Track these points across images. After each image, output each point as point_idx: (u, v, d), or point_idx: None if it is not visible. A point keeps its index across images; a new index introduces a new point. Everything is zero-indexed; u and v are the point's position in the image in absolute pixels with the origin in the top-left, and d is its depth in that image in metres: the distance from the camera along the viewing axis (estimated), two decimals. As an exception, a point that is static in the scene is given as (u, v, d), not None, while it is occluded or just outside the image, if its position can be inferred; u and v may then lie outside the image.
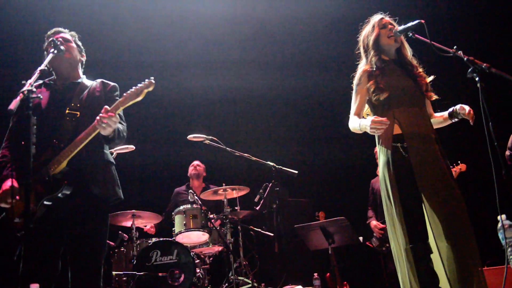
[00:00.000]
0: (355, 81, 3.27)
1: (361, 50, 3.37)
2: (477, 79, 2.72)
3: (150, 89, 2.79)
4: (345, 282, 5.52)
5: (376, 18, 3.34)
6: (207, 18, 6.88)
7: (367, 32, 3.33)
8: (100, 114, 2.72)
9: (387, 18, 3.33)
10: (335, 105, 6.93)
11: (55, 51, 2.92)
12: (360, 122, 3.10)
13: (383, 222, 5.62)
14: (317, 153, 7.35)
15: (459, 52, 2.83)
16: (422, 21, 3.00)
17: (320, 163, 7.26)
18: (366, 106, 3.29)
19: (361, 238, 5.74)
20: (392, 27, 3.24)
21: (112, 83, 3.21)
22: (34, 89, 2.41)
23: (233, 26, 6.98)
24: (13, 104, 2.36)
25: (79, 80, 3.16)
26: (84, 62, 3.26)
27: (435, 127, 3.24)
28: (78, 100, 3.03)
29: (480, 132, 2.71)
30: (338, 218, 5.22)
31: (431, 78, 3.28)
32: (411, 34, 3.10)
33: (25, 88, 2.37)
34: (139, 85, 2.80)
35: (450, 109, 3.25)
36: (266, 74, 7.33)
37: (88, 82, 3.18)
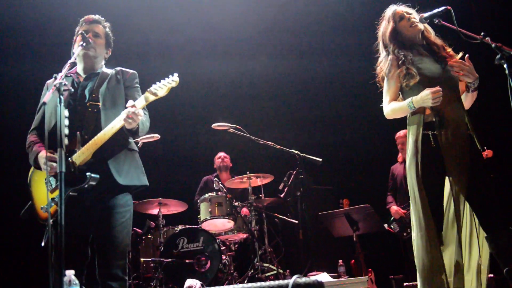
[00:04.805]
0: (385, 70, 3.21)
1: (380, 47, 3.31)
2: (505, 65, 2.70)
3: (174, 85, 2.78)
4: (370, 269, 5.53)
5: (389, 12, 3.27)
6: (230, 6, 6.89)
7: (384, 29, 3.28)
8: (127, 110, 2.75)
9: (401, 8, 3.25)
10: (357, 93, 6.88)
11: (84, 44, 2.97)
12: (408, 100, 3.04)
13: (404, 208, 5.61)
14: (341, 140, 7.32)
15: (487, 38, 2.80)
16: (449, 7, 2.96)
17: (344, 151, 7.23)
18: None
19: (386, 225, 5.74)
20: (409, 16, 3.18)
21: (131, 71, 3.22)
22: (66, 82, 2.46)
23: (256, 14, 6.96)
24: (47, 97, 2.43)
25: (99, 70, 3.17)
26: (108, 57, 3.26)
27: (466, 105, 3.16)
28: (99, 90, 3.05)
29: (509, 119, 2.69)
30: (363, 206, 5.23)
31: (460, 55, 3.16)
32: (437, 21, 3.06)
33: (57, 82, 2.42)
34: (163, 81, 2.79)
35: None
36: (290, 61, 7.30)
37: (108, 71, 3.18)
